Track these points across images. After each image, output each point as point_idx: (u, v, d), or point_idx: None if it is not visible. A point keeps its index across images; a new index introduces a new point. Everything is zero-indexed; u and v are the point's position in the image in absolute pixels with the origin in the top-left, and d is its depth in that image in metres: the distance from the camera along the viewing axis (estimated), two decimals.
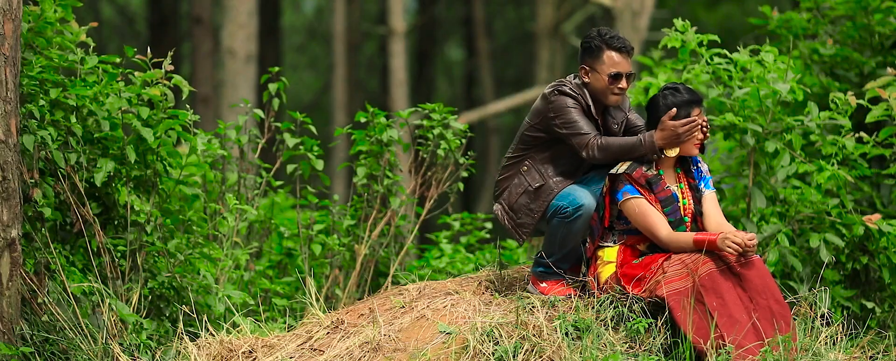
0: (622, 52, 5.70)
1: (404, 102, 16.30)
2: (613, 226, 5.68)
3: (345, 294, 6.96)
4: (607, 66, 5.69)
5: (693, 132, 5.57)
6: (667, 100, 5.60)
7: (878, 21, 7.73)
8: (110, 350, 5.72)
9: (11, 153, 5.65)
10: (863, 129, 6.90)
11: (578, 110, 5.70)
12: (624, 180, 5.59)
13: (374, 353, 5.44)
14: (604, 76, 5.71)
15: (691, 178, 5.69)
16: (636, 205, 5.56)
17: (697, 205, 5.66)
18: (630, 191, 5.57)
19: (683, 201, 5.63)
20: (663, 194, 5.59)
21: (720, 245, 5.37)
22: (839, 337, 5.49)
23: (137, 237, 6.25)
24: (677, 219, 5.58)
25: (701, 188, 5.69)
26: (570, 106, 5.69)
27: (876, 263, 6.69)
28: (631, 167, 5.59)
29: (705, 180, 5.72)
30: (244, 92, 14.38)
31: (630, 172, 5.58)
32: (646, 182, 5.58)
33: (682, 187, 5.67)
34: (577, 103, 5.71)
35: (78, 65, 6.21)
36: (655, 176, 5.61)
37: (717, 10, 22.70)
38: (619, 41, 5.71)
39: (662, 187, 5.60)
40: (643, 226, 5.55)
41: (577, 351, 5.30)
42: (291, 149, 7.07)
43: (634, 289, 5.49)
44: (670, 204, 5.58)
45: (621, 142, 5.63)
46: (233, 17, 14.47)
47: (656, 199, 5.57)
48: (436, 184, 7.12)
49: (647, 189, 5.58)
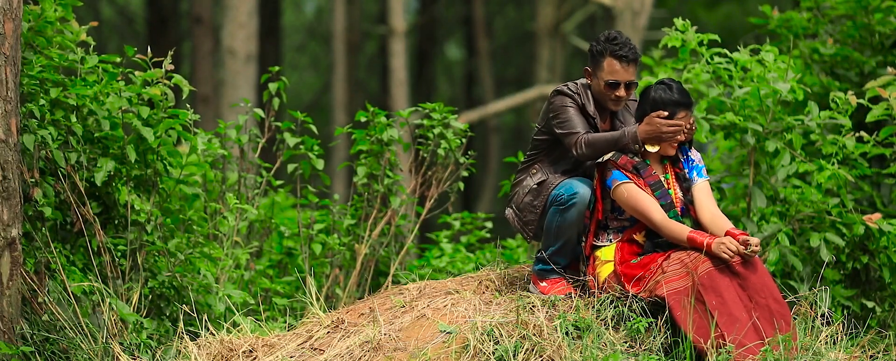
0: (623, 60, 5.68)
1: (404, 102, 16.29)
2: (607, 224, 5.68)
3: (345, 294, 6.96)
4: (606, 72, 5.70)
5: (676, 135, 5.57)
6: (657, 94, 5.61)
7: (878, 20, 7.73)
8: (110, 349, 5.72)
9: (12, 153, 5.65)
10: (863, 128, 6.90)
11: (574, 109, 5.72)
12: (611, 167, 5.61)
13: (375, 353, 5.44)
14: (601, 82, 5.72)
15: (679, 168, 5.70)
16: (626, 190, 5.57)
17: (686, 194, 5.66)
18: (619, 177, 5.59)
19: (670, 190, 5.64)
20: (652, 179, 5.60)
21: (715, 250, 5.37)
22: (839, 337, 5.48)
23: (138, 237, 6.25)
24: (668, 203, 5.59)
25: (692, 178, 5.68)
26: (566, 105, 5.73)
27: (876, 262, 6.69)
28: (616, 155, 5.61)
29: (698, 168, 5.70)
30: (244, 92, 14.39)
31: (616, 159, 5.60)
32: (632, 168, 5.60)
33: (668, 177, 5.68)
34: (573, 102, 5.73)
35: (78, 64, 6.21)
36: (642, 162, 5.63)
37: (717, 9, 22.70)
38: (620, 49, 5.68)
39: (650, 173, 5.61)
40: (636, 210, 5.55)
41: (578, 351, 5.30)
42: (292, 148, 7.07)
43: (634, 288, 5.48)
44: (659, 188, 5.60)
45: (606, 136, 5.66)
46: (233, 17, 14.47)
47: (646, 183, 5.59)
48: (436, 183, 7.12)
49: (636, 174, 5.59)
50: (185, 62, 20.32)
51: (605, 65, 5.70)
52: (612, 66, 5.69)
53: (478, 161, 7.18)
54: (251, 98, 14.09)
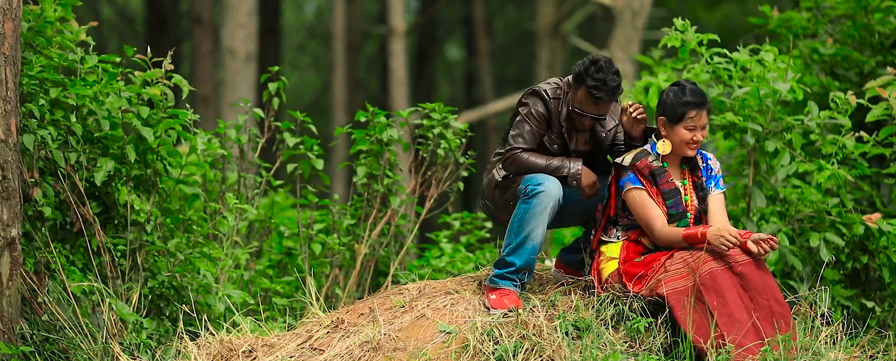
0: (597, 101, 5.54)
1: (404, 102, 16.30)
2: (617, 220, 5.66)
3: (345, 294, 6.96)
4: (577, 100, 5.60)
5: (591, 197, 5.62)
6: (668, 97, 5.58)
7: (878, 20, 7.73)
8: (110, 349, 5.72)
9: (11, 153, 5.65)
10: (863, 128, 6.90)
11: (535, 122, 5.63)
12: (628, 169, 5.59)
13: (374, 352, 5.44)
14: (575, 104, 5.62)
15: (697, 176, 5.67)
16: (637, 196, 5.56)
17: (702, 204, 5.63)
18: (632, 181, 5.57)
19: (686, 197, 5.62)
20: (667, 187, 5.57)
21: (712, 241, 5.35)
22: (839, 337, 5.48)
23: (137, 237, 6.25)
24: (679, 213, 5.56)
25: (708, 187, 5.66)
26: (530, 114, 5.65)
27: (876, 262, 6.69)
28: (636, 158, 5.58)
29: (715, 178, 5.68)
30: (244, 91, 14.39)
31: (635, 162, 5.57)
32: (649, 173, 5.57)
33: (685, 183, 5.65)
34: (542, 111, 5.62)
35: (78, 64, 6.21)
36: (660, 168, 5.59)
37: (717, 9, 22.70)
38: (598, 91, 5.51)
39: (666, 180, 5.58)
40: (641, 217, 5.55)
41: (577, 351, 5.30)
42: (291, 148, 7.07)
43: (635, 287, 5.48)
44: (673, 197, 5.56)
45: (540, 162, 5.58)
46: (233, 17, 14.48)
47: (658, 191, 5.57)
48: (436, 183, 7.12)
49: (651, 181, 5.57)
50: (185, 62, 20.32)
51: (579, 93, 5.59)
52: (584, 98, 5.58)
53: (478, 161, 7.18)
54: (251, 98, 14.09)
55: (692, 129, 5.54)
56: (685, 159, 5.66)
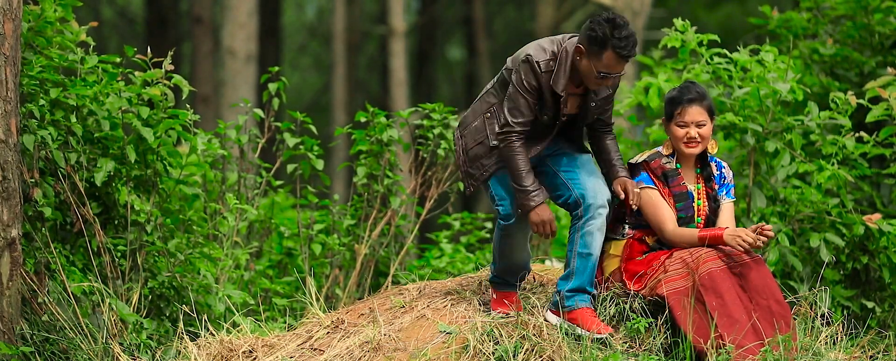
0: (624, 59, 5.37)
1: (404, 102, 16.30)
2: (624, 218, 5.64)
3: (345, 294, 6.96)
4: (602, 64, 5.37)
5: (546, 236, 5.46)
6: (670, 95, 5.58)
7: (878, 21, 7.73)
8: (110, 349, 5.72)
9: (11, 153, 5.65)
10: (863, 128, 6.90)
11: (531, 97, 5.42)
12: (642, 168, 5.59)
13: (375, 353, 5.44)
14: (594, 71, 5.39)
15: (711, 186, 5.65)
16: (648, 195, 5.55)
17: (713, 215, 5.63)
18: (645, 180, 5.57)
19: (698, 201, 5.62)
20: (678, 190, 5.57)
21: (729, 242, 5.36)
22: (839, 337, 5.48)
23: (137, 237, 6.25)
24: (689, 216, 5.56)
25: (720, 197, 5.66)
26: (524, 87, 5.43)
27: (876, 262, 6.69)
28: (650, 157, 5.59)
29: (727, 187, 5.67)
30: (244, 92, 14.39)
31: (649, 160, 5.58)
32: (662, 174, 5.57)
33: (699, 187, 5.64)
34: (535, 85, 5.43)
35: (78, 64, 6.21)
36: (673, 170, 5.59)
37: (717, 9, 22.69)
38: (624, 49, 5.35)
39: (678, 183, 5.58)
40: (651, 217, 5.54)
41: (577, 351, 5.30)
42: (291, 149, 7.07)
43: (635, 286, 5.48)
44: (684, 200, 5.56)
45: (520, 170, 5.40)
46: (233, 17, 14.48)
47: (670, 193, 5.56)
48: (436, 184, 7.13)
49: (663, 181, 5.57)
50: (185, 62, 20.32)
51: (604, 57, 5.36)
52: (611, 60, 5.36)
53: None
54: (251, 98, 14.09)
55: (683, 125, 5.54)
56: (701, 165, 5.66)
